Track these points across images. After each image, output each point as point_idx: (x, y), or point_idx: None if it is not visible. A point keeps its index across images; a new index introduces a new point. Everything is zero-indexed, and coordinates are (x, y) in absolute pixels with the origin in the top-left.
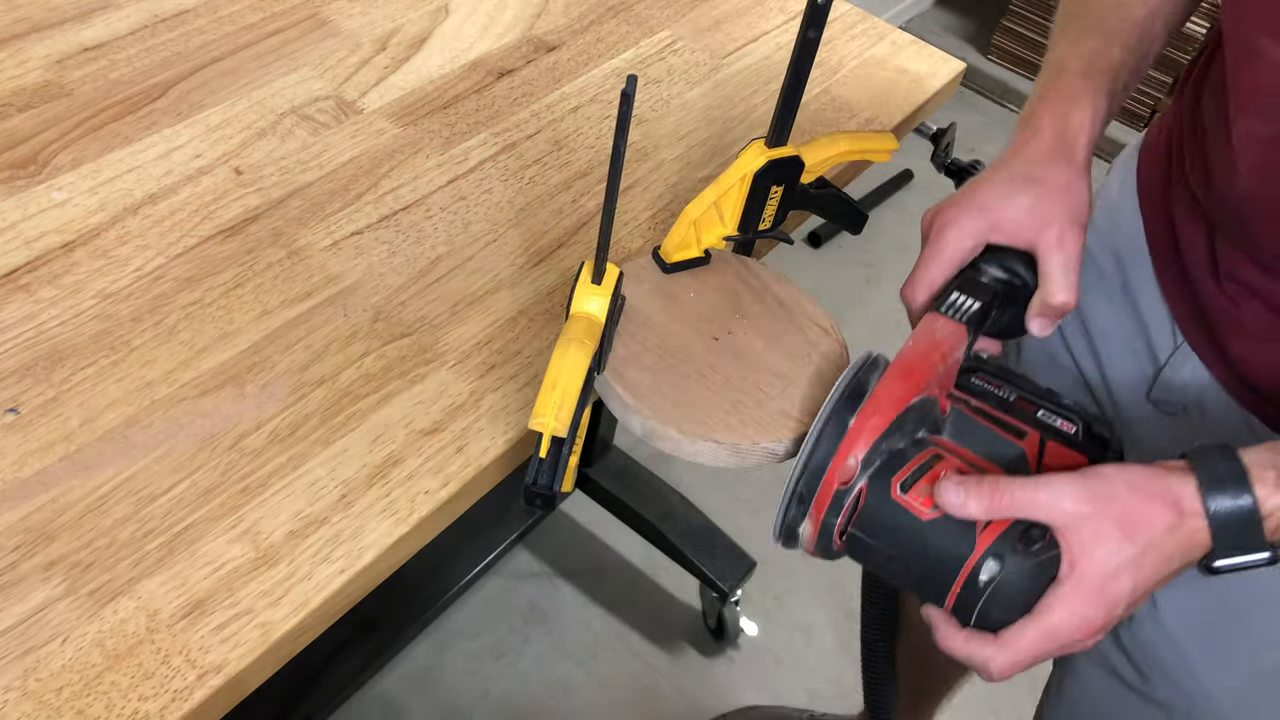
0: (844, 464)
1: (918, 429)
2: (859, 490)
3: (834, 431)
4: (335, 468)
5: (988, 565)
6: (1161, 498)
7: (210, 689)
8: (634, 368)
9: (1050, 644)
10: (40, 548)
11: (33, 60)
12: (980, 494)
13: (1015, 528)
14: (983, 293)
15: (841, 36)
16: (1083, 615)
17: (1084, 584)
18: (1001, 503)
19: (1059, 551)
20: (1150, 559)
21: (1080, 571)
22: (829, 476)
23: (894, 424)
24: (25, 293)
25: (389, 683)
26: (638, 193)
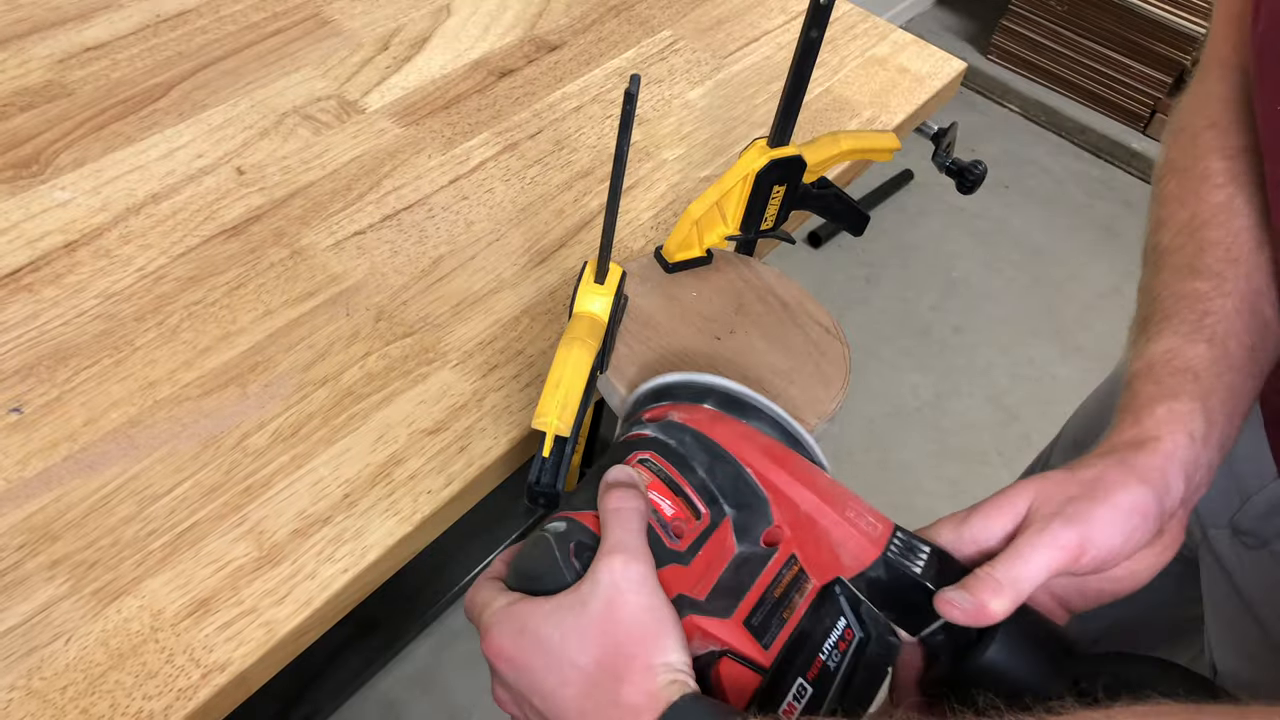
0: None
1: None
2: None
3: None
4: (338, 467)
5: None
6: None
7: (214, 688)
8: (636, 367)
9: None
10: (44, 547)
11: (35, 60)
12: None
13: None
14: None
15: (843, 36)
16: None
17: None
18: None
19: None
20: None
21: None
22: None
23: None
24: (28, 292)
25: (389, 683)
26: (639, 192)
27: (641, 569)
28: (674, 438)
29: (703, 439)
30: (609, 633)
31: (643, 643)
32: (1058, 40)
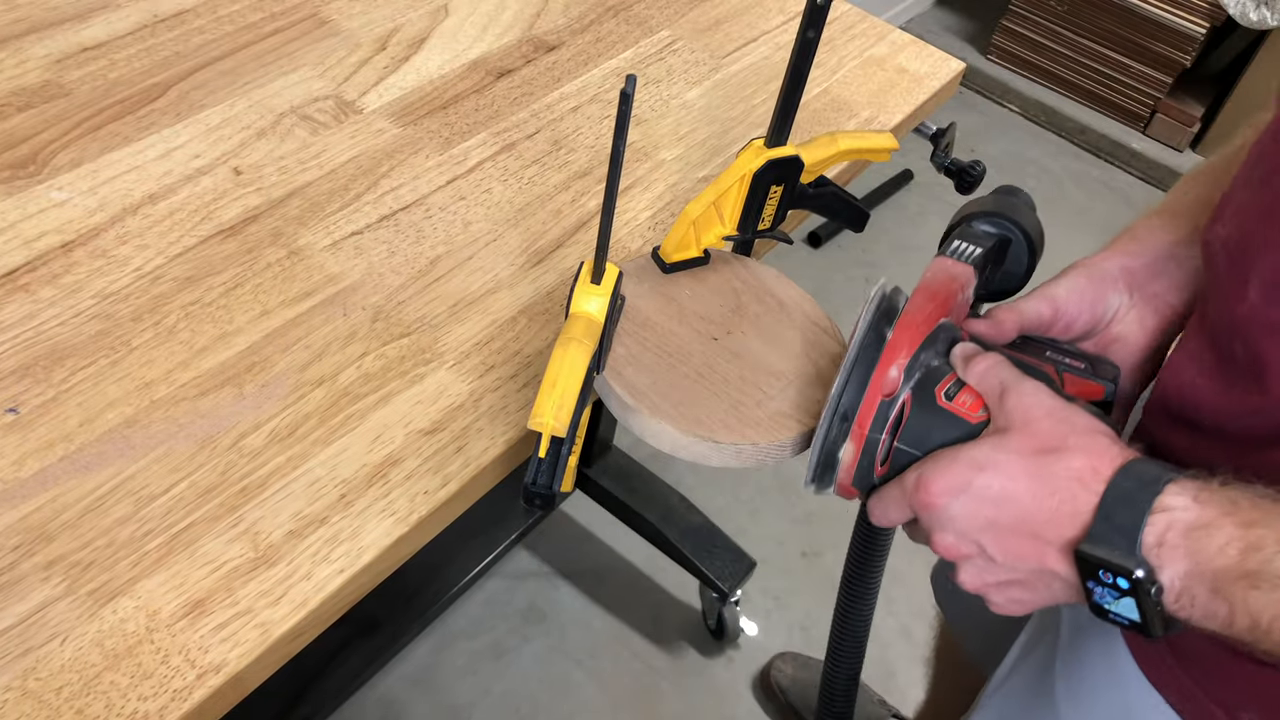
0: (887, 375)
1: (947, 349)
2: (903, 402)
3: (873, 344)
4: (334, 467)
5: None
6: (1090, 450)
7: (210, 689)
8: (633, 368)
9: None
10: (40, 547)
11: (32, 60)
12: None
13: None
14: (983, 240)
15: (841, 36)
16: (932, 472)
17: (958, 456)
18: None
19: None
20: (1028, 480)
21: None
22: (872, 388)
23: (928, 339)
24: (25, 292)
25: (389, 683)
26: (637, 192)
27: (1037, 385)
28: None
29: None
30: (1036, 428)
31: (1069, 422)
32: (1058, 40)
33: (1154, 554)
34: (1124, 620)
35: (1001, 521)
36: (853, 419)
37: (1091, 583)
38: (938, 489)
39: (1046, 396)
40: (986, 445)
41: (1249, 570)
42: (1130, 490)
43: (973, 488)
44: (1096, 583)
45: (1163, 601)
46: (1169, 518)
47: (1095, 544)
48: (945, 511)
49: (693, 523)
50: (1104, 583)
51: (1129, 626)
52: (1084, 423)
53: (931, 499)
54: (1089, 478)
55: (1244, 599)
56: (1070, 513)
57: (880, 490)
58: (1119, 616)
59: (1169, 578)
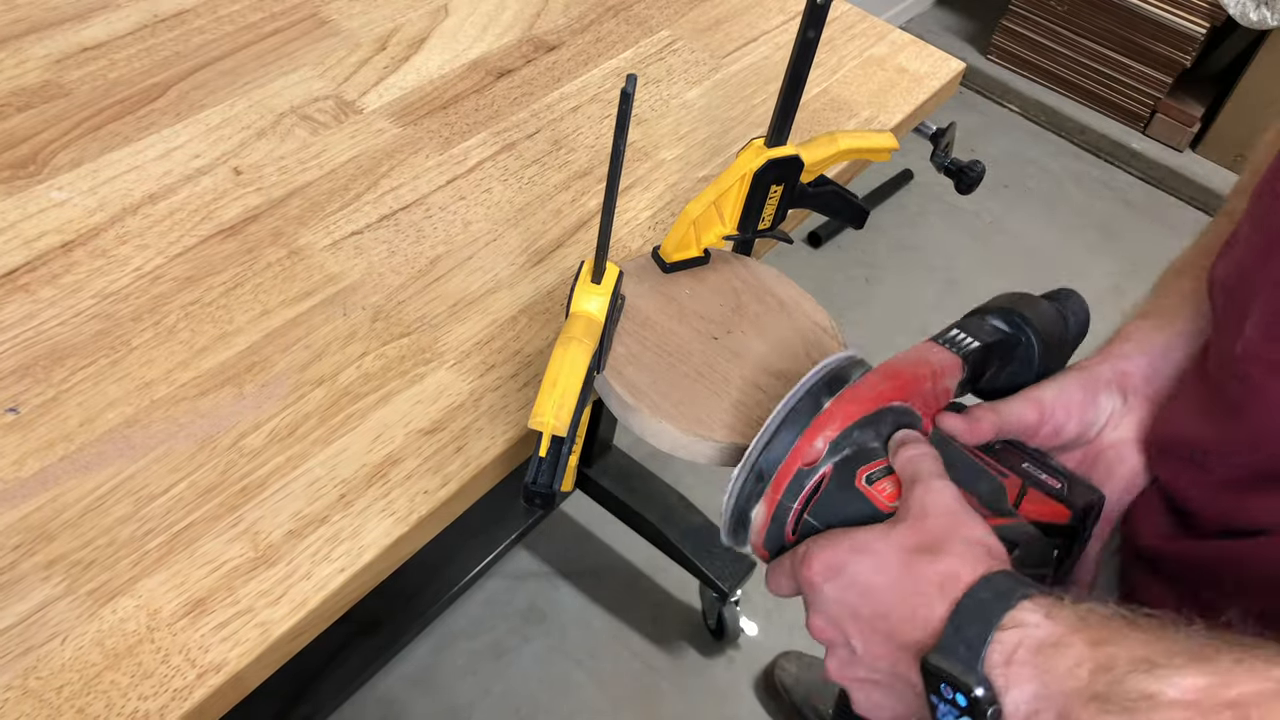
0: (811, 444)
1: (890, 433)
2: (822, 474)
3: (806, 410)
4: (334, 467)
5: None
6: (964, 556)
7: (210, 688)
8: (633, 367)
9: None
10: (40, 547)
11: (32, 60)
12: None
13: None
14: (986, 334)
15: (841, 36)
16: (814, 553)
17: (839, 538)
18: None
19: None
20: (893, 572)
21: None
22: (793, 454)
23: (870, 417)
24: (25, 292)
25: (389, 683)
26: (637, 192)
27: (947, 484)
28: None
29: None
30: (924, 525)
31: (955, 525)
32: (1058, 40)
33: (1001, 673)
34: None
35: (864, 613)
36: (768, 481)
37: (934, 696)
38: (817, 566)
39: (950, 497)
40: (873, 532)
41: (1098, 692)
42: (984, 601)
43: (846, 572)
44: (939, 697)
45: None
46: (1020, 634)
47: (941, 655)
48: (820, 591)
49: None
50: (944, 698)
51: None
52: (973, 532)
53: (810, 575)
54: (950, 584)
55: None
56: (925, 618)
57: (776, 559)
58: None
59: (1015, 700)
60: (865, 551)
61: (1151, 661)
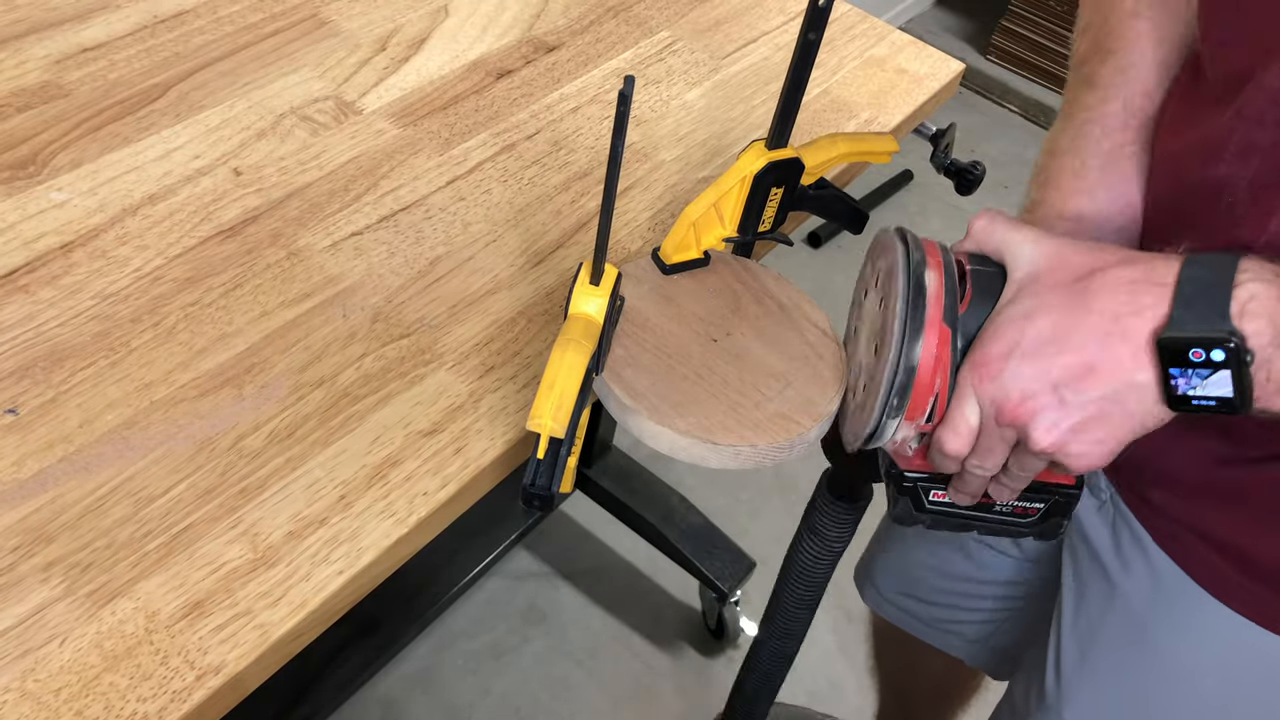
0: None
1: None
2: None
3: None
4: (334, 469)
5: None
6: (1136, 260)
7: (209, 690)
8: (632, 369)
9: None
10: (39, 549)
11: (32, 61)
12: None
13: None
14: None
15: (841, 37)
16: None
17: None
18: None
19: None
20: (1084, 300)
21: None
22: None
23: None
24: (24, 293)
25: (389, 683)
26: (637, 194)
27: (1034, 230)
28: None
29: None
30: (1058, 260)
31: (1097, 248)
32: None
33: (1238, 324)
34: (1211, 401)
35: (1062, 352)
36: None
37: (1176, 370)
38: (991, 355)
39: (1044, 232)
40: (1017, 299)
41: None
42: (1204, 274)
43: (1024, 337)
44: (1182, 369)
45: (1250, 372)
46: (1249, 290)
47: (1182, 326)
48: (1005, 373)
49: (693, 523)
50: (1193, 363)
51: (1216, 407)
52: (1112, 247)
53: (989, 368)
54: (1150, 275)
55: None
56: (1137, 310)
57: (950, 412)
58: (1205, 400)
59: (1254, 346)
60: (1029, 315)
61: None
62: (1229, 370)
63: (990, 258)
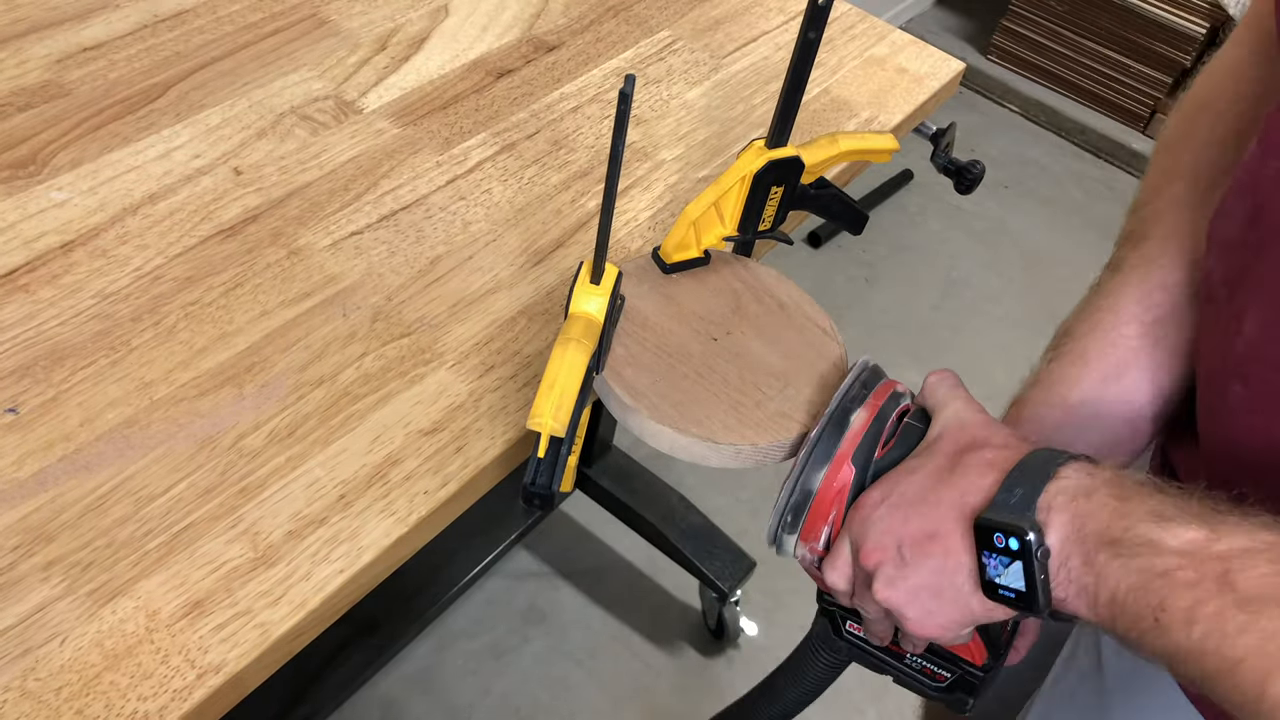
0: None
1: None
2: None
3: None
4: (334, 468)
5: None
6: (1007, 443)
7: (209, 689)
8: (633, 368)
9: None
10: (39, 548)
11: (32, 60)
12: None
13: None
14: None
15: (841, 37)
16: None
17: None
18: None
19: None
20: (917, 476)
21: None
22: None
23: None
24: (25, 293)
25: (389, 683)
26: (637, 193)
27: (970, 400)
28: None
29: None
30: (962, 432)
31: (991, 425)
32: (1058, 40)
33: (1044, 518)
34: (1011, 593)
35: (914, 517)
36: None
37: (986, 554)
38: (869, 502)
39: (977, 409)
40: (915, 456)
41: (1114, 537)
42: (1034, 464)
43: (895, 491)
44: (991, 553)
45: (1048, 569)
46: (1060, 484)
47: (994, 510)
48: (870, 519)
49: (693, 523)
50: (997, 548)
51: (1015, 600)
52: (1007, 431)
53: (864, 512)
54: (998, 460)
55: (1106, 568)
56: (976, 490)
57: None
58: (1006, 590)
59: (1053, 541)
60: (912, 470)
61: (1162, 515)
62: (1020, 562)
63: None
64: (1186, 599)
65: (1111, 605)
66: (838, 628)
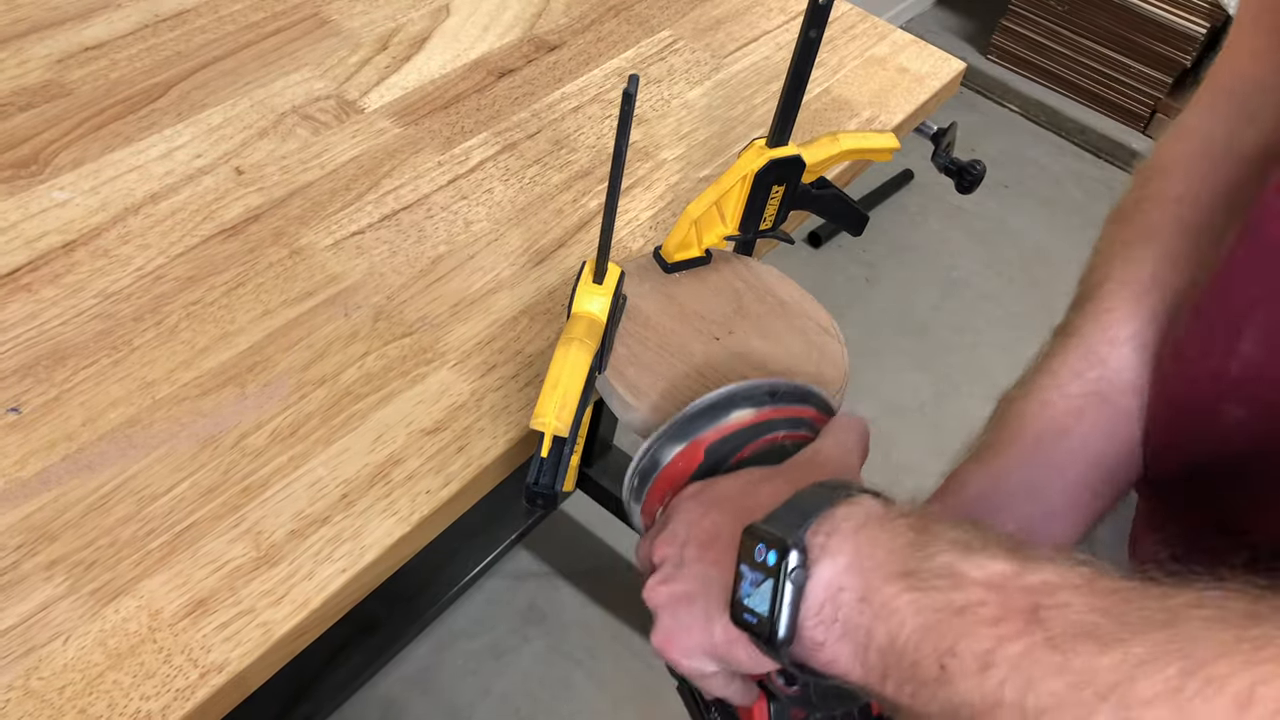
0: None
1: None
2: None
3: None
4: (336, 467)
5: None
6: (807, 478)
7: (212, 688)
8: (635, 367)
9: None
10: (42, 547)
11: (33, 60)
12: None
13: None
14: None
15: (842, 36)
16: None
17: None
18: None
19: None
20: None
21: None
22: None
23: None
24: (27, 292)
25: (389, 683)
26: (638, 192)
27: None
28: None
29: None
30: (811, 460)
31: (838, 466)
32: (1058, 40)
33: (821, 544)
34: (754, 617)
35: (707, 520)
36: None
37: (744, 566)
38: (688, 491)
39: (846, 453)
40: (754, 470)
41: (908, 569)
42: (825, 489)
43: (711, 490)
44: (750, 567)
45: (801, 598)
46: (848, 511)
47: (766, 521)
48: (676, 507)
49: None
50: (755, 562)
51: (756, 626)
52: (853, 468)
53: (679, 499)
54: (804, 482)
55: (890, 605)
56: (766, 504)
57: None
58: (750, 615)
59: (824, 572)
60: (737, 476)
61: (967, 545)
62: (772, 580)
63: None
64: (986, 640)
65: (885, 654)
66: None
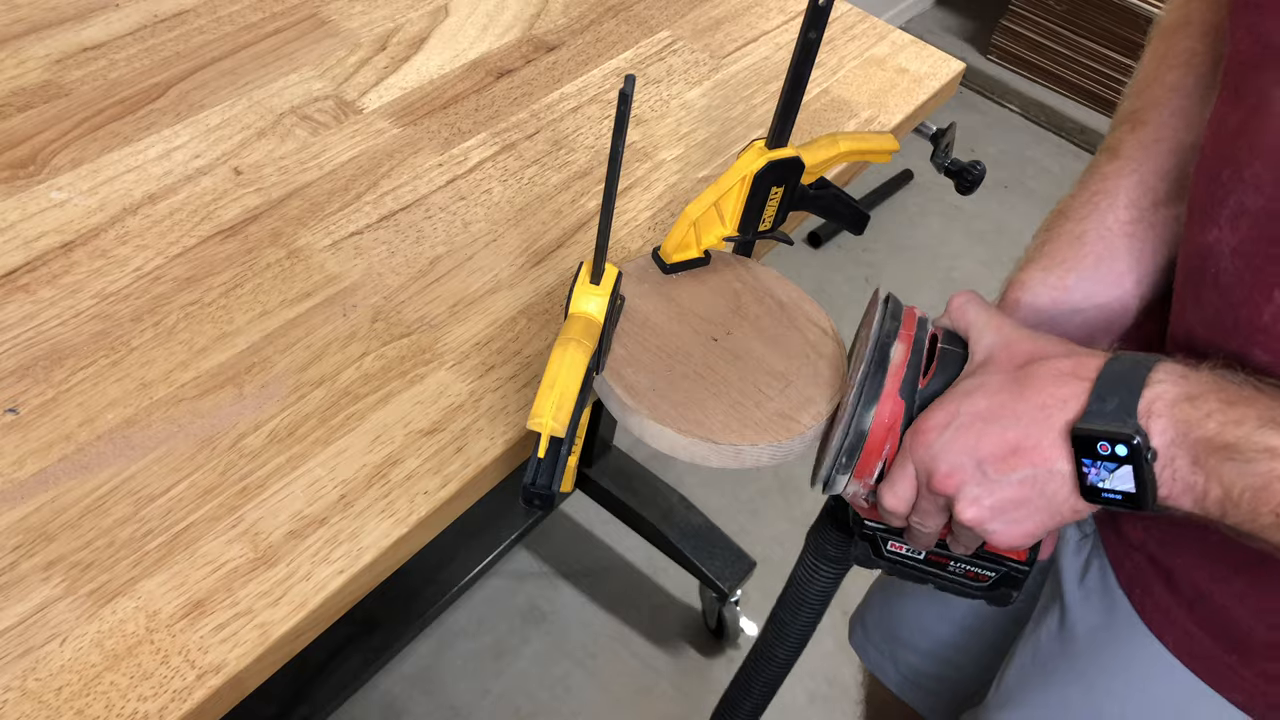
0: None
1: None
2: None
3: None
4: (334, 468)
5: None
6: (1072, 353)
7: (209, 689)
8: (633, 368)
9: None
10: (39, 548)
11: (32, 60)
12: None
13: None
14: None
15: (841, 37)
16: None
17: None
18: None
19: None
20: (1000, 393)
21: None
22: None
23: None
24: (25, 293)
25: (389, 683)
26: (637, 193)
27: (1004, 318)
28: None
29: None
30: (1011, 349)
31: (1039, 339)
32: (1058, 40)
33: (1144, 421)
34: (1117, 495)
35: (990, 435)
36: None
37: (1087, 461)
38: (929, 425)
39: (1013, 324)
40: (967, 378)
41: (1227, 442)
42: (1122, 371)
43: (960, 414)
44: (1092, 460)
45: (1154, 470)
46: (1156, 390)
47: (1092, 419)
48: (938, 443)
49: (693, 523)
50: (1101, 456)
51: (1122, 502)
52: (1058, 340)
53: (926, 437)
54: (1078, 370)
55: (1218, 470)
56: (1061, 401)
57: (894, 468)
58: (1112, 493)
59: (1157, 444)
60: (969, 393)
61: (1272, 420)
62: (1131, 466)
63: (960, 336)
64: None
65: (1222, 503)
66: (878, 549)
